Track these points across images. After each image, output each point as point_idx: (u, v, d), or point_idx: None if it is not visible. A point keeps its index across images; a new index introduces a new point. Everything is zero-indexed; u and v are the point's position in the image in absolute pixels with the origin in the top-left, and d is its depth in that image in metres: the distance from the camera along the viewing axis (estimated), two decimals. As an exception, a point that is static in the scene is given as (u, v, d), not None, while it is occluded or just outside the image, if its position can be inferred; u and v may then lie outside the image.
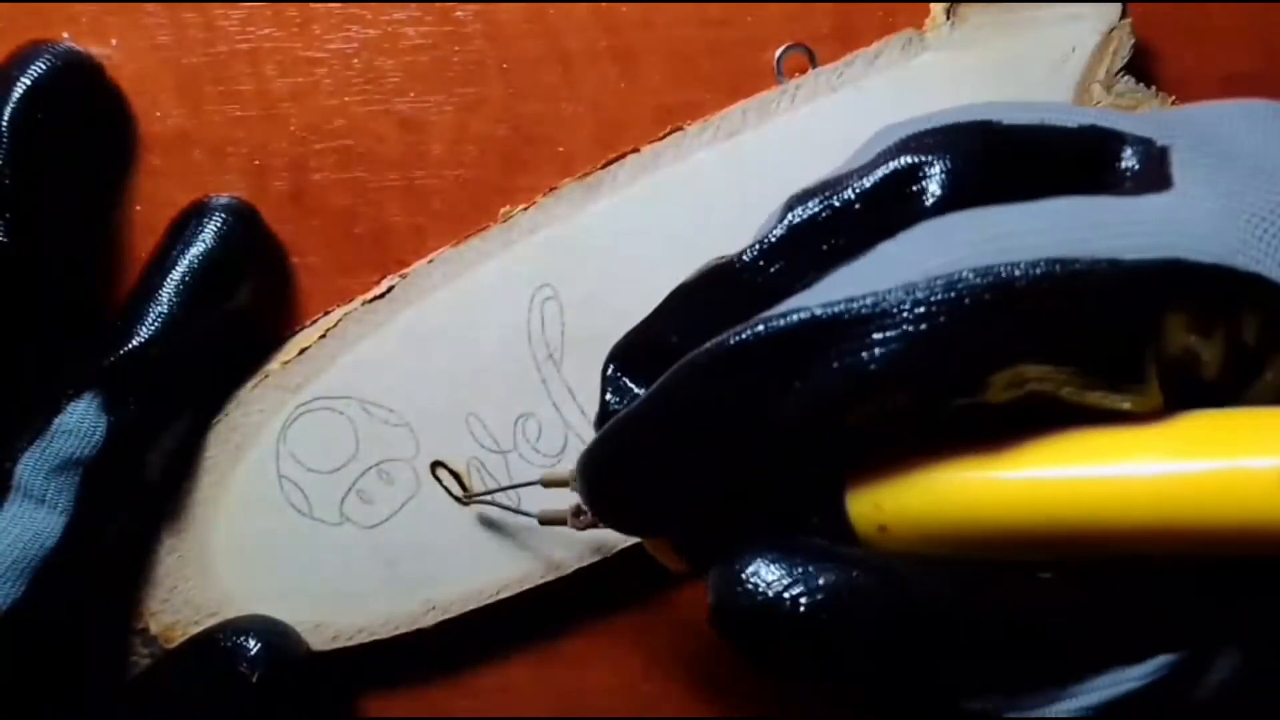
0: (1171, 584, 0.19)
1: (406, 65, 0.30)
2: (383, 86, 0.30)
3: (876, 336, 0.18)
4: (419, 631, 0.29)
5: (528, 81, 0.30)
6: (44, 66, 0.26)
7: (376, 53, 0.30)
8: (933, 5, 0.29)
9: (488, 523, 0.29)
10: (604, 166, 0.29)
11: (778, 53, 0.30)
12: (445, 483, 0.29)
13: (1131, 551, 0.19)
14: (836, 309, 0.18)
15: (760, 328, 0.19)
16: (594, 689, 0.31)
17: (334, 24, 0.29)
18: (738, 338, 0.19)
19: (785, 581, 0.19)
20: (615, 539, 0.29)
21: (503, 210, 0.29)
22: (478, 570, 0.29)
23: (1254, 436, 0.18)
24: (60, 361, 0.27)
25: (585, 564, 0.29)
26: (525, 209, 0.29)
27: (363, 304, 0.29)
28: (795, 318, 0.19)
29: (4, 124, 0.26)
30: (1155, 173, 0.20)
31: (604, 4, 0.30)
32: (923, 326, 0.18)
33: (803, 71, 0.29)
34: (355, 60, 0.30)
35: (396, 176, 0.30)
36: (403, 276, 0.29)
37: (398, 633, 0.29)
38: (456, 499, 0.29)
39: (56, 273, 0.27)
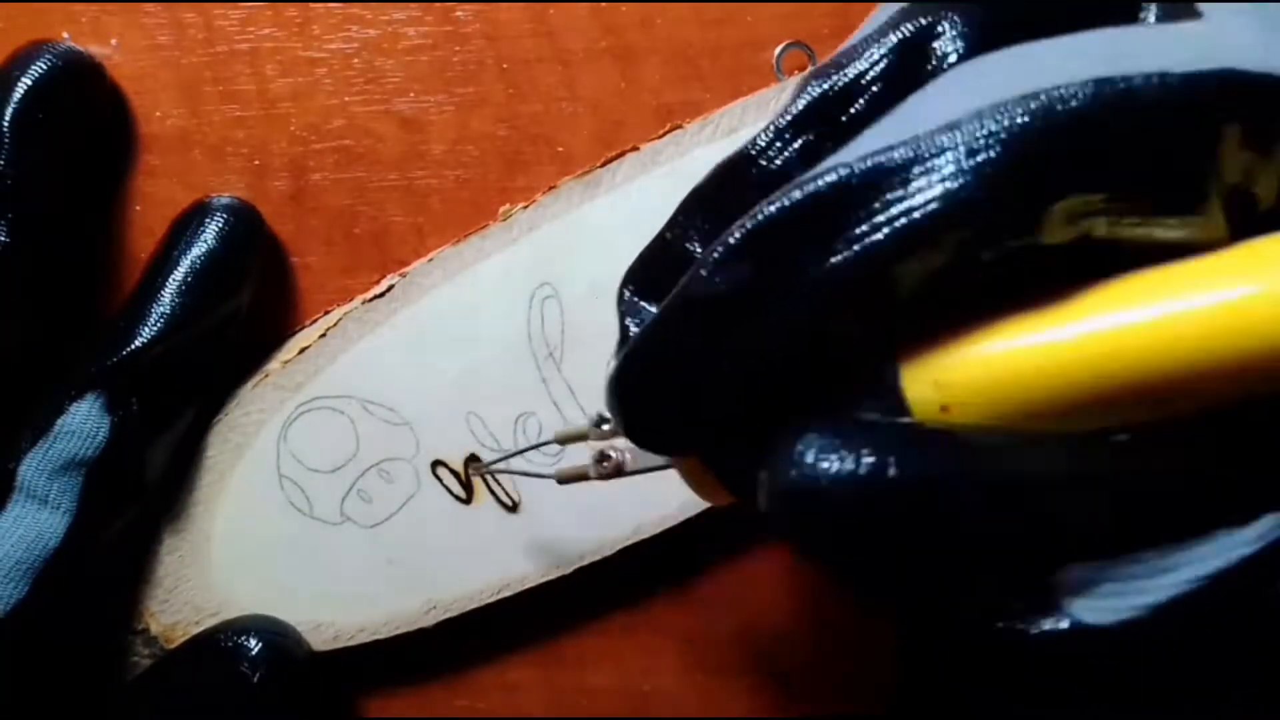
0: (1271, 431, 0.18)
1: (406, 65, 0.30)
2: (383, 86, 0.30)
3: (923, 182, 0.17)
4: (419, 631, 0.29)
5: (528, 81, 0.30)
6: (44, 66, 0.27)
7: (376, 53, 0.30)
8: (932, 4, 0.29)
9: (488, 522, 0.29)
10: (603, 165, 0.29)
11: (777, 51, 0.30)
12: (446, 482, 0.29)
13: (1218, 396, 0.17)
14: (879, 159, 0.17)
15: (796, 193, 0.18)
16: (594, 689, 0.31)
17: (334, 24, 0.29)
18: (770, 208, 0.18)
19: (852, 448, 0.17)
20: (617, 536, 0.29)
21: (502, 209, 0.29)
22: (478, 570, 0.29)
23: None
24: (62, 362, 0.27)
25: (585, 563, 0.29)
26: (525, 207, 0.29)
27: (363, 303, 0.29)
28: (833, 176, 0.17)
29: (4, 124, 0.26)
30: (1185, 13, 0.19)
31: (604, 4, 0.30)
32: (973, 161, 0.17)
33: (802, 70, 0.29)
34: (355, 60, 0.30)
35: (396, 176, 0.30)
36: (403, 276, 0.29)
37: (398, 632, 0.29)
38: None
39: (57, 273, 0.28)
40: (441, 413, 0.29)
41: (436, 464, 0.29)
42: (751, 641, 0.31)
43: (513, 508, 0.29)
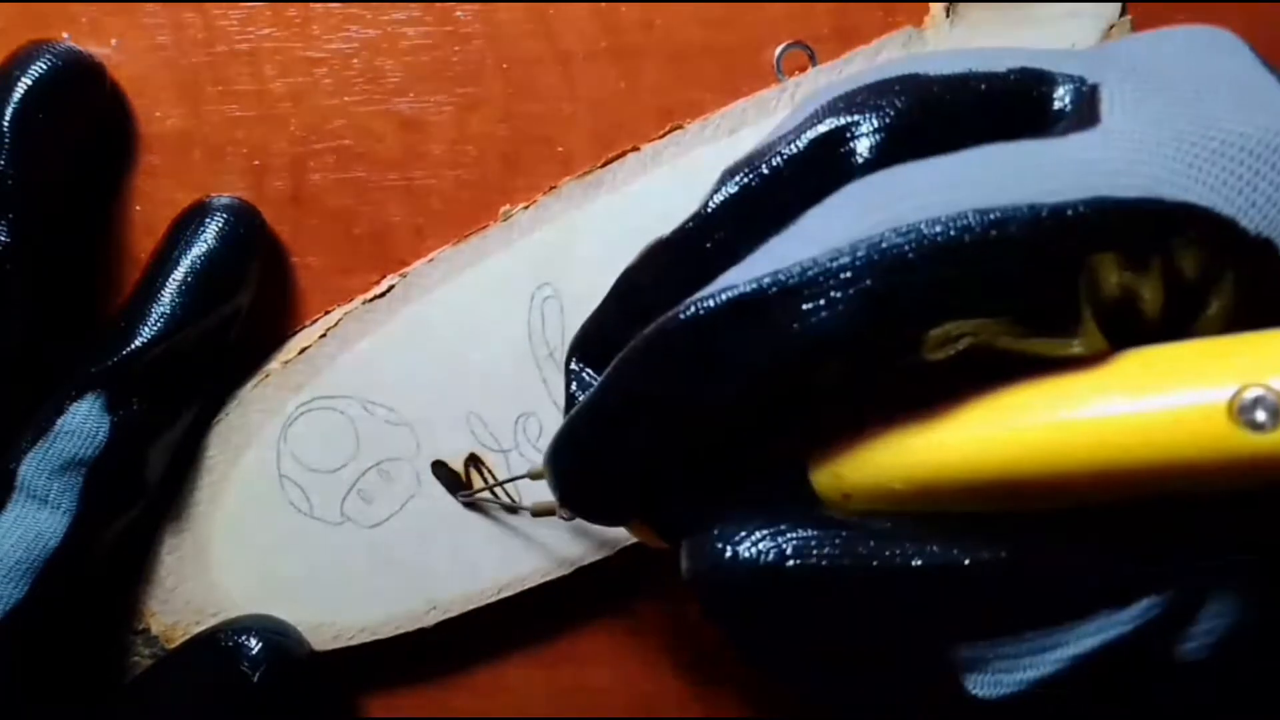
0: (1149, 521, 0.19)
1: (406, 65, 0.30)
2: (383, 86, 0.30)
3: (805, 307, 0.18)
4: (420, 631, 0.29)
5: (528, 81, 0.30)
6: (44, 66, 0.26)
7: (376, 53, 0.30)
8: (932, 4, 0.29)
9: (488, 522, 0.29)
10: (604, 165, 0.29)
11: (778, 51, 0.30)
12: (446, 482, 0.29)
13: (1091, 496, 0.18)
14: (763, 283, 0.18)
15: (691, 310, 0.19)
16: (594, 689, 0.31)
17: (334, 24, 0.29)
18: (669, 323, 0.19)
19: (757, 538, 0.19)
20: (616, 536, 0.29)
21: (503, 209, 0.29)
22: (478, 570, 0.29)
23: (1200, 368, 0.17)
24: (62, 362, 0.27)
25: (586, 563, 0.29)
26: (525, 208, 0.29)
27: (363, 303, 0.29)
28: (723, 297, 0.18)
29: (4, 124, 0.26)
30: (1087, 111, 0.20)
31: (604, 4, 0.30)
32: (849, 291, 0.18)
33: (803, 70, 0.29)
34: (355, 60, 0.30)
35: (396, 176, 0.30)
36: (403, 276, 0.29)
37: (398, 632, 0.29)
38: (454, 497, 0.29)
39: (57, 273, 0.27)
40: (441, 413, 0.29)
41: (437, 464, 0.29)
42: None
43: (513, 508, 0.29)
